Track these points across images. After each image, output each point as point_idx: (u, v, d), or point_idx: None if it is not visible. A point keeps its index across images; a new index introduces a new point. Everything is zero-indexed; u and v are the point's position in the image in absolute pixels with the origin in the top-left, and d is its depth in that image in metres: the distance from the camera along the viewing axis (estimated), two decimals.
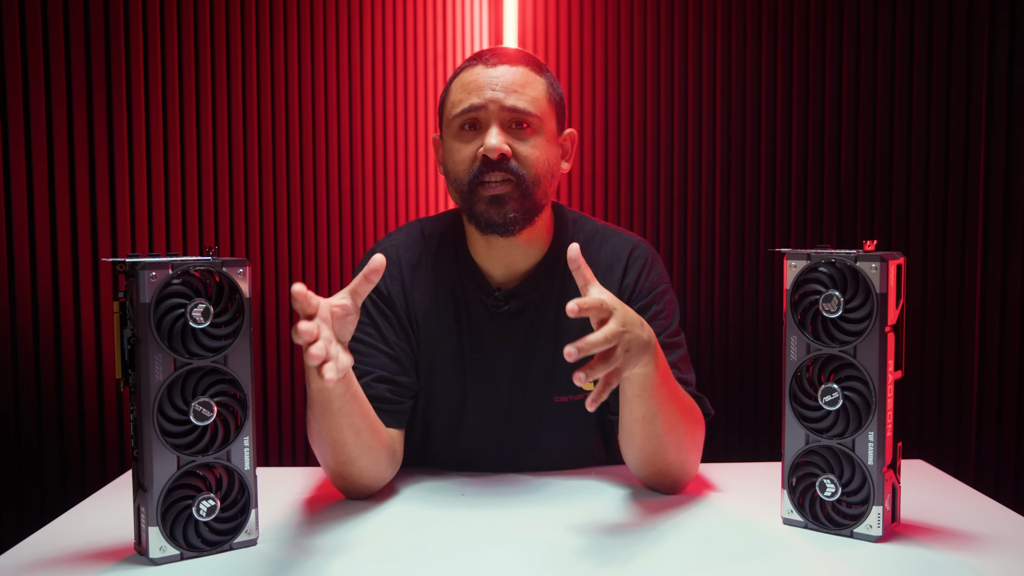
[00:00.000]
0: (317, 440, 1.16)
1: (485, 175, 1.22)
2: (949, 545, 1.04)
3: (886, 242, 2.03)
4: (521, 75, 1.25)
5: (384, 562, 1.00)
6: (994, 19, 1.98)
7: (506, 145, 1.21)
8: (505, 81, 1.23)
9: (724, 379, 2.08)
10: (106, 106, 1.89)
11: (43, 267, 1.88)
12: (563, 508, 1.17)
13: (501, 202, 1.22)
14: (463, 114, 1.24)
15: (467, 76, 1.26)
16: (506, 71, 1.24)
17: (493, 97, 1.22)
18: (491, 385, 1.31)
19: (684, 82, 2.05)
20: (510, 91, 1.23)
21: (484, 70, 1.25)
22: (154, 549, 0.98)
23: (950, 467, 1.79)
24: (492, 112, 1.22)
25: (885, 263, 1.02)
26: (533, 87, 1.25)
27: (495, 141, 1.21)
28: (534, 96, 1.24)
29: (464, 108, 1.23)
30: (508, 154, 1.21)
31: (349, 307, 1.03)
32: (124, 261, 0.98)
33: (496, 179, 1.22)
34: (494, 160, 1.21)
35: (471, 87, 1.24)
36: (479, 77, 1.24)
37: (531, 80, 1.25)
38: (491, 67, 1.25)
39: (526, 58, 1.28)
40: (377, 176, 2.04)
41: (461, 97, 1.25)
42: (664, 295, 1.31)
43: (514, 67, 1.25)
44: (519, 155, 1.23)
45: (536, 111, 1.24)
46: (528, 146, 1.23)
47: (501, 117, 1.23)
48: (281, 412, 2.04)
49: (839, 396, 1.04)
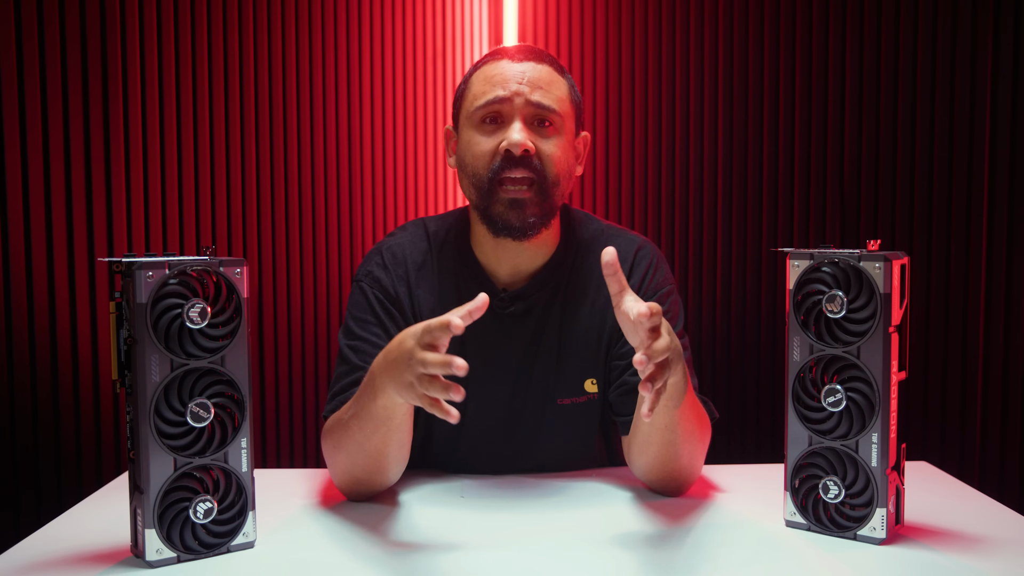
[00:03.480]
0: (355, 449, 1.14)
1: (507, 171, 1.20)
2: (953, 548, 1.03)
3: (890, 242, 2.02)
4: (547, 73, 1.24)
5: (384, 564, 0.99)
6: (998, 17, 1.97)
7: (530, 142, 1.20)
8: (531, 76, 1.22)
9: (727, 380, 2.08)
10: (103, 105, 1.89)
11: (39, 267, 1.87)
12: (564, 510, 1.17)
13: (521, 206, 1.21)
14: (487, 106, 1.22)
15: (492, 69, 1.24)
16: (532, 67, 1.23)
17: (519, 90, 1.21)
18: (494, 387, 1.30)
19: (685, 81, 2.04)
20: (535, 87, 1.22)
21: (510, 64, 1.23)
22: (151, 552, 0.97)
23: (954, 469, 1.77)
24: (517, 106, 1.21)
25: (889, 263, 1.01)
26: (557, 86, 1.24)
27: (519, 136, 1.19)
28: (558, 95, 1.24)
29: (488, 100, 1.22)
30: (532, 151, 1.20)
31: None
32: (120, 261, 0.97)
33: (518, 175, 1.20)
34: (517, 156, 1.19)
35: (496, 79, 1.23)
36: (505, 70, 1.23)
37: (555, 79, 1.25)
38: (517, 62, 1.23)
39: (549, 58, 1.27)
40: (376, 175, 2.04)
41: (485, 89, 1.23)
42: (669, 296, 1.30)
43: (540, 64, 1.24)
44: (541, 153, 1.21)
45: (559, 109, 1.23)
46: (551, 144, 1.22)
47: (525, 112, 1.21)
48: (279, 413, 2.03)
49: (842, 397, 1.03)
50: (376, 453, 1.13)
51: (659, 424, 1.13)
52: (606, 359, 1.29)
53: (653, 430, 1.14)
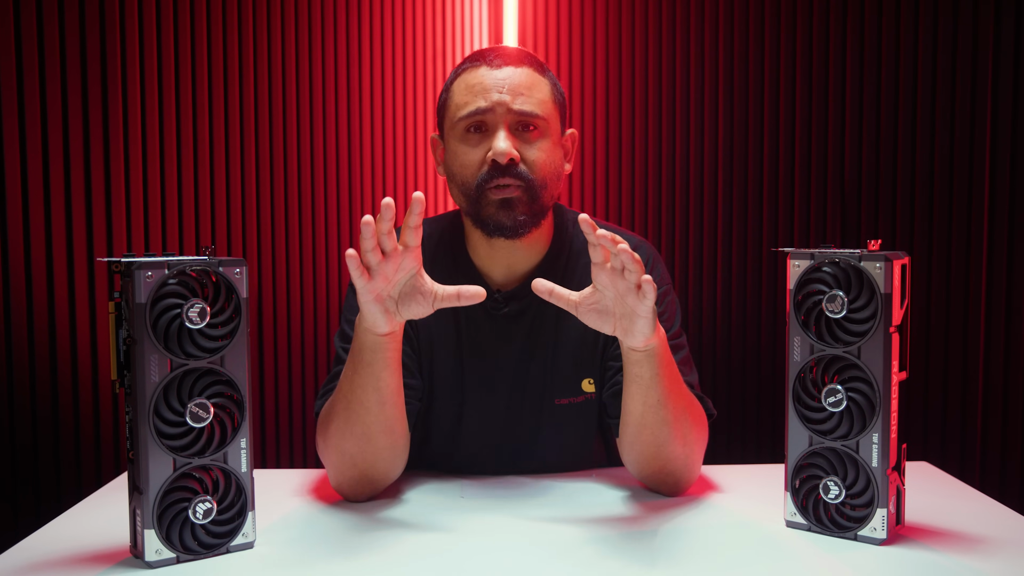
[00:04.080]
0: (342, 409, 1.15)
1: (494, 180, 1.21)
2: (954, 548, 1.03)
3: (890, 241, 2.02)
4: (527, 76, 1.24)
5: (383, 565, 0.99)
6: (999, 15, 1.97)
7: (515, 150, 1.20)
8: (512, 83, 1.22)
9: (727, 380, 2.07)
10: (102, 104, 1.88)
11: (38, 267, 1.87)
12: (563, 510, 1.16)
13: (511, 205, 1.22)
14: (469, 117, 1.22)
15: (471, 78, 1.24)
16: (511, 73, 1.23)
17: (500, 100, 1.21)
18: (491, 387, 1.30)
19: (685, 81, 2.04)
20: (516, 94, 1.22)
21: (489, 71, 1.23)
22: (150, 552, 0.97)
23: (955, 469, 1.77)
24: (499, 115, 1.21)
25: (890, 263, 1.01)
26: (539, 89, 1.24)
27: (504, 146, 1.20)
28: (540, 99, 1.24)
29: (470, 111, 1.22)
30: (517, 159, 1.21)
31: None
32: (120, 261, 0.97)
33: (505, 184, 1.21)
34: (503, 165, 1.20)
35: (476, 89, 1.23)
36: (484, 79, 1.23)
37: (536, 82, 1.24)
38: (495, 68, 1.23)
39: (529, 58, 1.27)
40: (376, 176, 2.03)
41: (466, 99, 1.23)
42: (666, 296, 1.30)
43: (518, 68, 1.24)
44: (527, 159, 1.22)
45: (543, 113, 1.23)
46: (535, 149, 1.23)
47: (508, 120, 1.22)
48: (279, 414, 2.03)
49: (843, 397, 1.03)
50: (359, 405, 1.13)
51: (652, 400, 1.13)
52: (602, 358, 1.29)
53: (647, 409, 1.14)
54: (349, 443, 1.16)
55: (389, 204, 1.00)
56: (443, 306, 1.09)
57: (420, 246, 1.06)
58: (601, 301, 1.08)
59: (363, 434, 1.15)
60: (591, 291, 1.09)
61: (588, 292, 1.09)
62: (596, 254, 1.05)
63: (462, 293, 1.09)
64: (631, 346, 1.10)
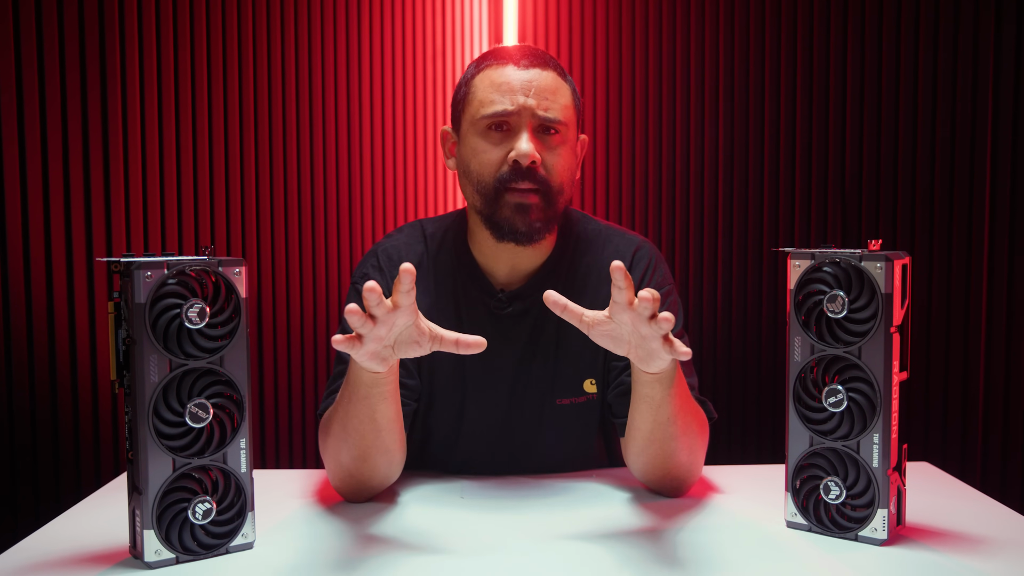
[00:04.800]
0: (339, 429, 1.14)
1: (513, 182, 1.20)
2: (955, 549, 1.03)
3: (891, 241, 2.01)
4: (552, 81, 1.23)
5: (383, 565, 0.99)
6: (1000, 15, 1.97)
7: (538, 153, 1.20)
8: (538, 87, 1.22)
9: (727, 380, 2.07)
10: (101, 104, 1.88)
11: (37, 267, 1.87)
12: (564, 511, 1.16)
13: (527, 211, 1.21)
14: (493, 116, 1.22)
15: (496, 75, 1.23)
16: (538, 75, 1.22)
17: (526, 104, 1.21)
18: (492, 388, 1.30)
19: (686, 81, 2.04)
20: (542, 98, 1.21)
21: (516, 71, 1.22)
22: (149, 553, 0.97)
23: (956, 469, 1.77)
24: (524, 118, 1.21)
25: (890, 263, 1.00)
26: (562, 94, 1.24)
27: (528, 148, 1.19)
28: (563, 104, 1.24)
29: (496, 111, 1.21)
30: (539, 162, 1.20)
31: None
32: (119, 261, 0.97)
33: (525, 187, 1.20)
34: (524, 167, 1.20)
35: (503, 88, 1.22)
36: (511, 79, 1.22)
37: (560, 87, 1.24)
38: (523, 69, 1.22)
39: (553, 61, 1.27)
40: (376, 176, 2.03)
41: (492, 98, 1.22)
42: (669, 296, 1.30)
43: (545, 71, 1.23)
44: (547, 164, 1.22)
45: (565, 119, 1.23)
46: (555, 154, 1.23)
47: (532, 123, 1.21)
48: (278, 414, 2.03)
49: (843, 398, 1.03)
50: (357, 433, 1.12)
51: (662, 418, 1.13)
52: (605, 359, 1.29)
53: (656, 425, 1.13)
54: (345, 458, 1.16)
55: (373, 287, 0.95)
56: (441, 349, 1.04)
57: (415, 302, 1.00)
58: (616, 330, 1.04)
59: (359, 456, 1.15)
60: (605, 318, 1.04)
61: (602, 318, 1.04)
62: (621, 296, 1.00)
63: (460, 341, 1.03)
64: (644, 370, 1.08)
